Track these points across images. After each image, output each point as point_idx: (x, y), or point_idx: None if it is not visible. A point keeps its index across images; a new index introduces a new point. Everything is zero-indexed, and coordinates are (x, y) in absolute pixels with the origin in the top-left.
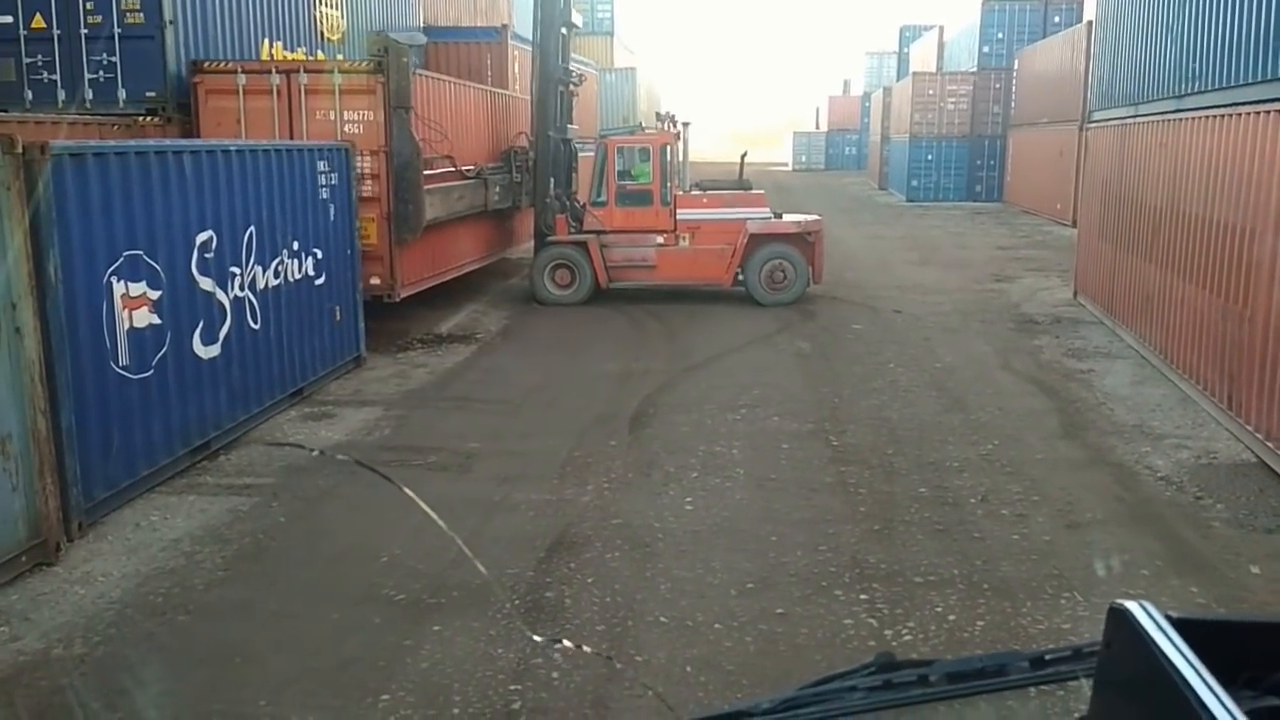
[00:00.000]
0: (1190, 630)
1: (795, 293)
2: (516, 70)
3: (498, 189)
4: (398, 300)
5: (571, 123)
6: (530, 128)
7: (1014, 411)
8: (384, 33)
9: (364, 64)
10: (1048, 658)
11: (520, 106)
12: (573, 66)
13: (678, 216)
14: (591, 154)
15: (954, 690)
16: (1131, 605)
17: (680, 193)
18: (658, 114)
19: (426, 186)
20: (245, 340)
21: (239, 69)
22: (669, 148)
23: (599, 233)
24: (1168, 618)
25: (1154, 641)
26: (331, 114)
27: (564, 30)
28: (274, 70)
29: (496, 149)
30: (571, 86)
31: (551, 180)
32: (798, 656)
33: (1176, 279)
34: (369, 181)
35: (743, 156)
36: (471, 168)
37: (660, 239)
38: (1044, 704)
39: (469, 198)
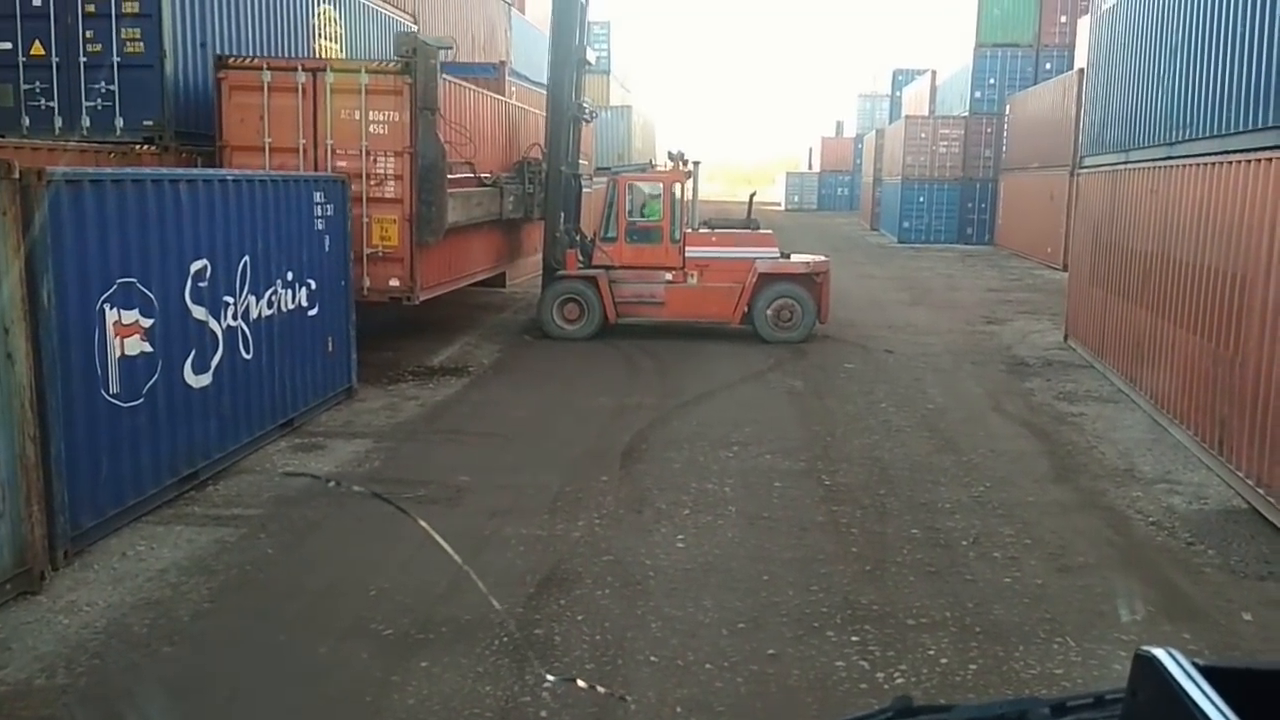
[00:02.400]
0: (1218, 678)
1: (802, 332)
2: None
3: (511, 198)
4: (417, 302)
5: (582, 157)
6: (543, 140)
7: (1005, 454)
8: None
9: (391, 64)
10: (1069, 704)
11: (531, 120)
12: (585, 102)
13: (687, 254)
14: (592, 190)
15: None
16: (1159, 652)
17: (689, 230)
18: (669, 153)
19: (449, 190)
20: (237, 370)
21: (264, 65)
22: (679, 186)
23: (608, 268)
24: (1195, 665)
25: (1183, 690)
26: (357, 114)
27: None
28: (300, 68)
29: (510, 159)
30: (584, 120)
31: (561, 215)
32: (789, 698)
33: (1167, 324)
34: (392, 183)
35: (751, 196)
36: (488, 175)
37: (669, 276)
38: None
39: (486, 204)
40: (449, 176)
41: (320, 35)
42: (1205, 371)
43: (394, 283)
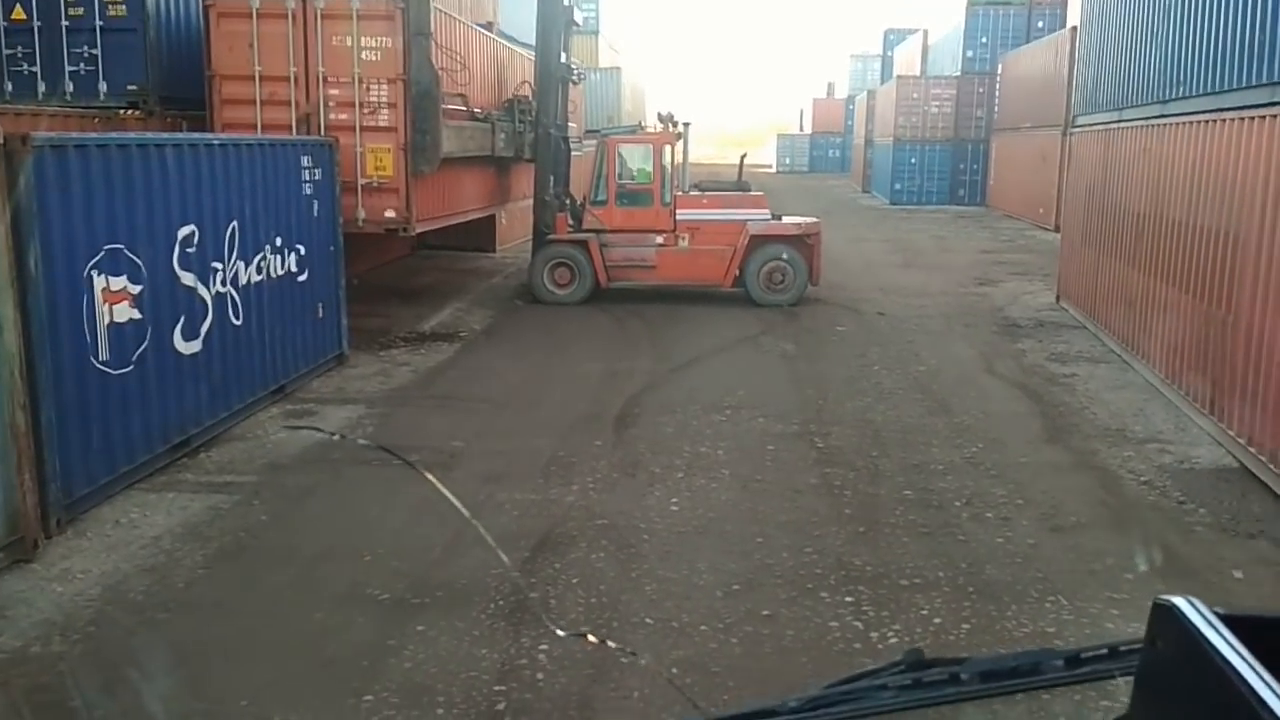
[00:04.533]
0: (1239, 626)
1: (794, 294)
2: None
3: (503, 135)
4: (413, 234)
5: (570, 120)
6: (533, 79)
7: (998, 415)
8: None
9: None
10: (1083, 656)
11: (519, 61)
12: (573, 63)
13: (678, 217)
14: (582, 153)
15: (986, 689)
16: (1179, 601)
17: (680, 193)
18: (659, 115)
19: (443, 120)
20: (227, 336)
21: None
22: (670, 148)
23: (599, 231)
24: (1216, 614)
25: (1205, 638)
26: (348, 40)
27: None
28: None
29: (500, 98)
30: (573, 82)
31: (551, 178)
32: (784, 658)
33: (1159, 284)
34: (385, 111)
35: (742, 158)
36: (480, 110)
37: (660, 239)
38: (1077, 703)
39: (479, 139)
40: (443, 107)
41: None
42: (1198, 331)
43: (390, 214)
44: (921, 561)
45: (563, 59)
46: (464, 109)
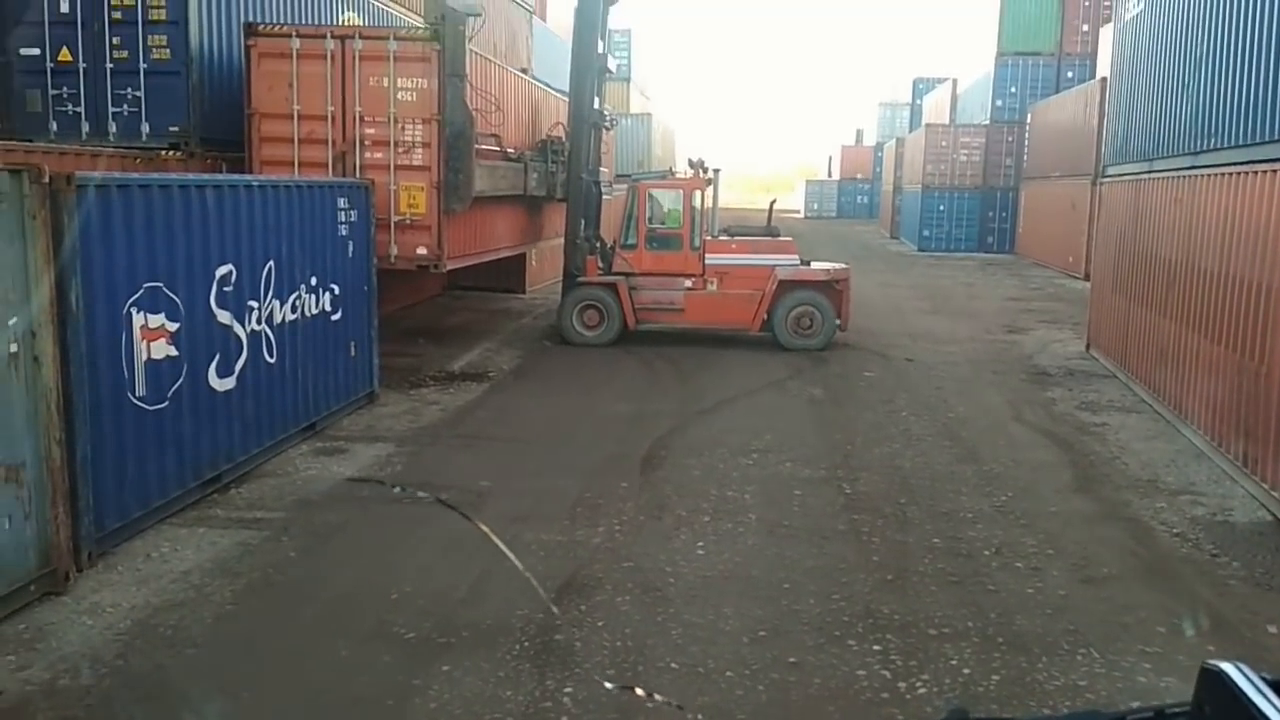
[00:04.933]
0: None
1: (822, 339)
2: None
3: (535, 175)
4: (444, 270)
5: (602, 165)
6: (566, 120)
7: (1027, 463)
8: None
9: (420, 31)
10: (1129, 718)
11: (553, 103)
12: (606, 109)
13: (706, 261)
14: (612, 197)
15: None
16: (1227, 666)
17: (709, 237)
18: (689, 160)
19: (476, 160)
20: (260, 374)
21: (294, 33)
22: (699, 193)
23: (628, 274)
24: (1265, 679)
25: (1253, 703)
26: (385, 81)
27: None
28: (329, 35)
29: (534, 138)
30: (605, 127)
31: (582, 221)
32: (810, 707)
33: (1191, 334)
34: (420, 150)
35: (771, 203)
36: (513, 150)
37: (689, 283)
38: None
39: (511, 178)
40: (476, 147)
41: None
42: (1230, 382)
43: (421, 251)
44: (950, 611)
45: (595, 105)
46: (497, 149)
